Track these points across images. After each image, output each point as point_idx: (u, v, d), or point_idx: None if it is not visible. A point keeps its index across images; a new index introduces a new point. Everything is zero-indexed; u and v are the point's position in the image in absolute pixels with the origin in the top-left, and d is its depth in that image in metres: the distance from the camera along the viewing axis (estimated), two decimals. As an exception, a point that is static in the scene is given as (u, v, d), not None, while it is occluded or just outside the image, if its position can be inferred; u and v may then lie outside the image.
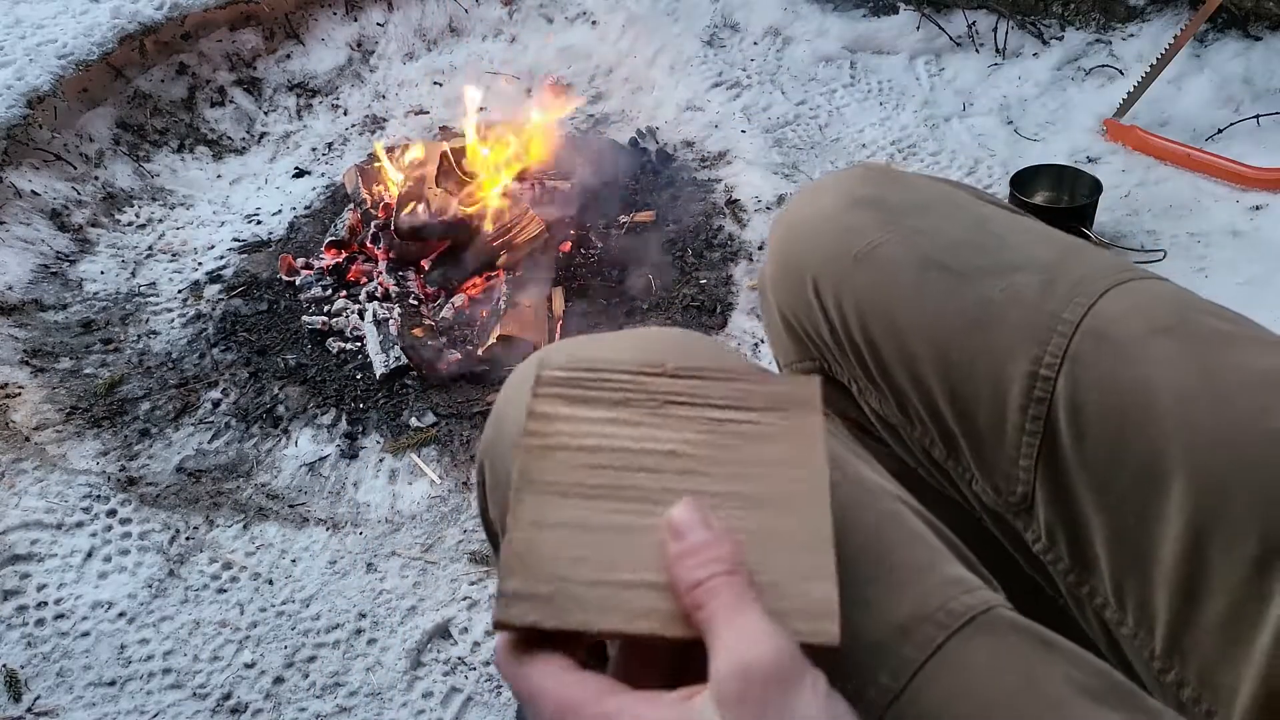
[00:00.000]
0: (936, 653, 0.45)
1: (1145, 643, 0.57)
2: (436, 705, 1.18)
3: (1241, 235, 1.74)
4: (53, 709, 1.18)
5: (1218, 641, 0.54)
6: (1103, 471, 0.58)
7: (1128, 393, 0.58)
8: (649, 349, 0.56)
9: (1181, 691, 0.56)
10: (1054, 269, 0.63)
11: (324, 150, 2.13)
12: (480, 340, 1.60)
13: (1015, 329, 0.62)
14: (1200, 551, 0.54)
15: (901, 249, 0.67)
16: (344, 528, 1.38)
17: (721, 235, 1.82)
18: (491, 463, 0.58)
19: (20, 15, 2.18)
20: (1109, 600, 0.59)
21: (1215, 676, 0.54)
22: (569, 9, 2.41)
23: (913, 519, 0.52)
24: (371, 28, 2.37)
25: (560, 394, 0.47)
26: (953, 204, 0.71)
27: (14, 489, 1.39)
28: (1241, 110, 1.97)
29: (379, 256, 1.75)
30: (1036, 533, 0.63)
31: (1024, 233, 0.68)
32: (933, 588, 0.47)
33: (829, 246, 0.70)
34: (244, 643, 1.24)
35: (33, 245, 1.83)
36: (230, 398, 1.57)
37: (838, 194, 0.72)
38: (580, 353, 0.56)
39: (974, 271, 0.65)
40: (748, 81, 2.18)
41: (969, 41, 2.23)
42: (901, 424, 0.69)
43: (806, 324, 0.73)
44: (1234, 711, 0.53)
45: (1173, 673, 0.56)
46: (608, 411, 0.46)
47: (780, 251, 0.75)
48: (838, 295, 0.69)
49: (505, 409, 0.58)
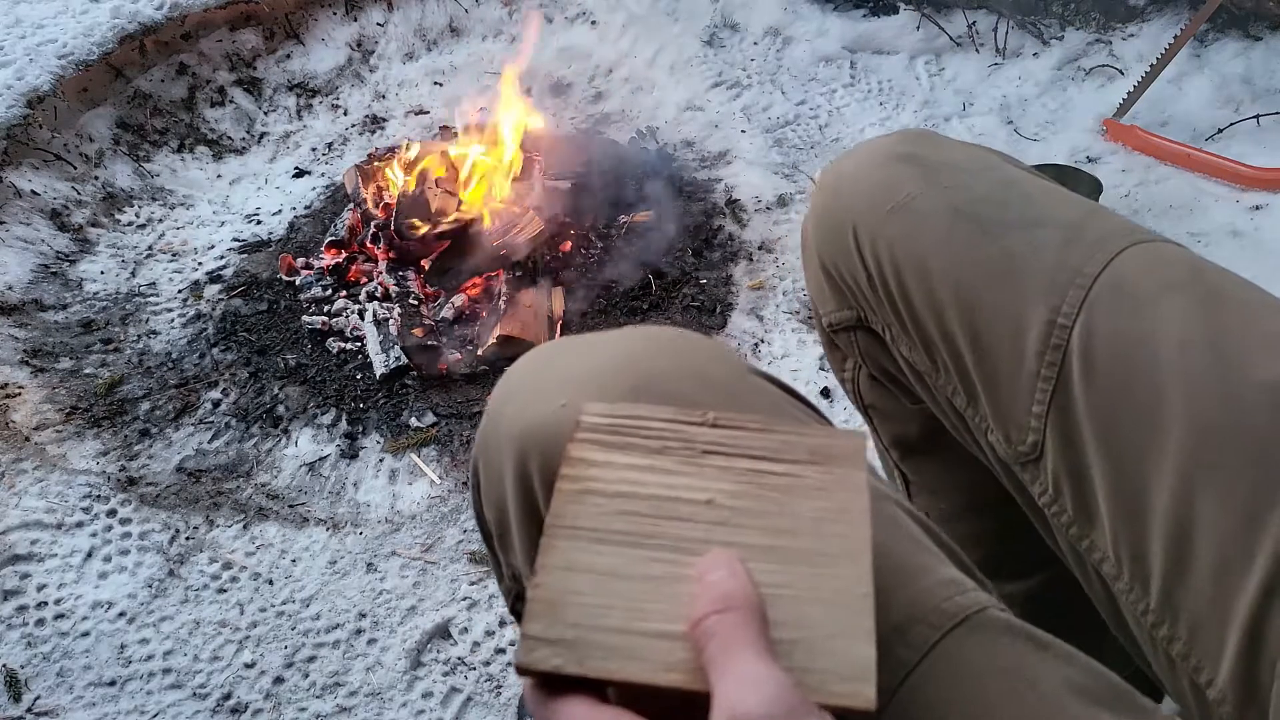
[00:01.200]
0: (930, 653, 0.45)
1: (1140, 597, 0.59)
2: (436, 705, 1.18)
3: (1241, 235, 1.74)
4: (53, 709, 1.18)
5: (1208, 594, 0.54)
6: (1107, 419, 0.60)
7: (1136, 343, 0.60)
8: (633, 350, 0.56)
9: (1172, 647, 0.57)
10: (1077, 227, 0.66)
11: (324, 150, 2.13)
12: (480, 340, 1.60)
13: (1037, 280, 0.64)
14: (1193, 502, 0.55)
15: (934, 202, 0.70)
16: (344, 528, 1.38)
17: (721, 235, 1.82)
18: (485, 462, 0.58)
19: (20, 15, 2.18)
20: (1108, 554, 0.61)
21: (1204, 630, 0.55)
22: (569, 9, 2.41)
23: (909, 523, 0.52)
24: (371, 28, 2.37)
25: (599, 440, 0.46)
26: (985, 164, 0.74)
27: (14, 489, 1.39)
28: (1241, 110, 1.97)
29: (379, 256, 1.75)
30: (1044, 484, 0.64)
31: (1050, 194, 0.71)
32: (927, 589, 0.47)
33: (869, 198, 0.74)
34: (244, 643, 1.24)
35: (33, 245, 1.83)
36: (230, 398, 1.57)
37: (880, 151, 0.76)
38: (578, 364, 0.56)
39: (1000, 225, 0.68)
40: (748, 81, 2.18)
41: (969, 41, 2.23)
42: (929, 371, 0.72)
43: (845, 272, 0.76)
44: (1220, 666, 0.54)
45: (1165, 627, 0.57)
46: (645, 459, 0.46)
47: (824, 202, 0.78)
48: (874, 244, 0.72)
49: (498, 408, 0.57)
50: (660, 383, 0.53)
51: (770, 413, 0.55)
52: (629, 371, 0.54)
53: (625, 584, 0.41)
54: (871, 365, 0.82)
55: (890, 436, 0.90)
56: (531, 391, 0.56)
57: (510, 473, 0.54)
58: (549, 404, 0.53)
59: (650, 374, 0.54)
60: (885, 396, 0.85)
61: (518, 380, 0.58)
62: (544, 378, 0.56)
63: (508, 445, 0.54)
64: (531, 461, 0.53)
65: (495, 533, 0.59)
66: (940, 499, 0.91)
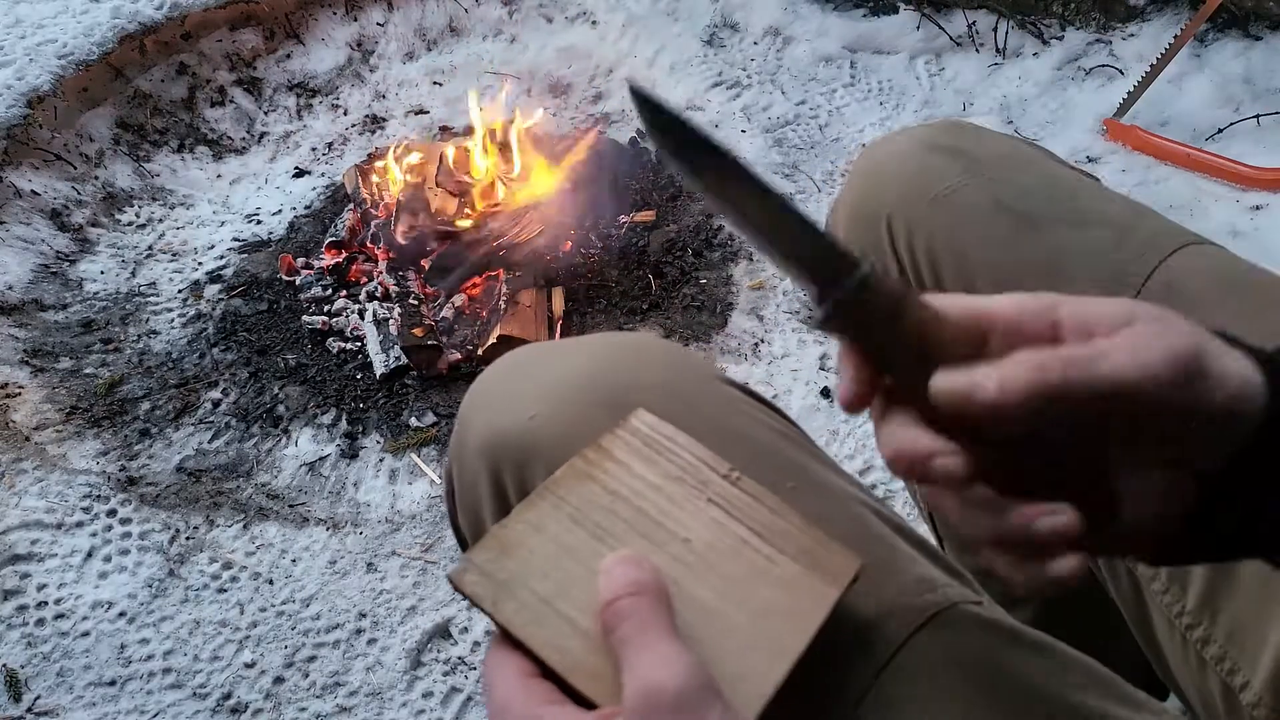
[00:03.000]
0: (901, 649, 0.46)
1: (1176, 598, 0.58)
2: (436, 705, 1.18)
3: (1241, 235, 1.74)
4: (53, 709, 1.18)
5: (1253, 598, 0.54)
6: None
7: None
8: (603, 360, 0.57)
9: (1206, 649, 0.56)
10: (1126, 225, 0.65)
11: (324, 150, 2.13)
12: (480, 340, 1.60)
13: (1084, 276, 0.63)
14: None
15: (977, 194, 0.69)
16: (344, 527, 1.38)
17: (721, 235, 1.82)
18: (459, 470, 0.59)
19: (20, 15, 2.18)
20: None
21: (1245, 635, 0.54)
22: (569, 9, 2.41)
23: (878, 523, 0.52)
24: (371, 28, 2.37)
25: (630, 444, 0.49)
26: (1028, 159, 0.73)
27: (14, 489, 1.39)
28: (1241, 110, 1.97)
29: (379, 256, 1.75)
30: None
31: (1094, 192, 0.70)
32: (897, 589, 0.48)
33: (907, 188, 0.72)
34: (244, 642, 1.24)
35: (33, 245, 1.83)
36: (230, 398, 1.57)
37: (920, 140, 0.75)
38: (548, 374, 0.57)
39: (1047, 220, 0.67)
40: (748, 81, 2.18)
41: (969, 41, 2.23)
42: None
43: None
44: (1257, 670, 0.54)
45: (1200, 629, 0.57)
46: (658, 478, 0.47)
47: (857, 189, 0.77)
48: (910, 235, 0.71)
49: (468, 414, 0.58)
50: (627, 393, 0.53)
51: (728, 417, 0.55)
52: (598, 382, 0.55)
53: (570, 565, 0.43)
54: None
55: None
56: (501, 399, 0.56)
57: (484, 482, 0.55)
58: (519, 415, 0.54)
59: (618, 385, 0.54)
60: None
61: (488, 387, 0.59)
62: (514, 386, 0.57)
63: (480, 454, 0.55)
64: (506, 474, 0.53)
65: (470, 539, 0.60)
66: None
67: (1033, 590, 0.38)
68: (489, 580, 0.42)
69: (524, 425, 0.53)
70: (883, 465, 1.42)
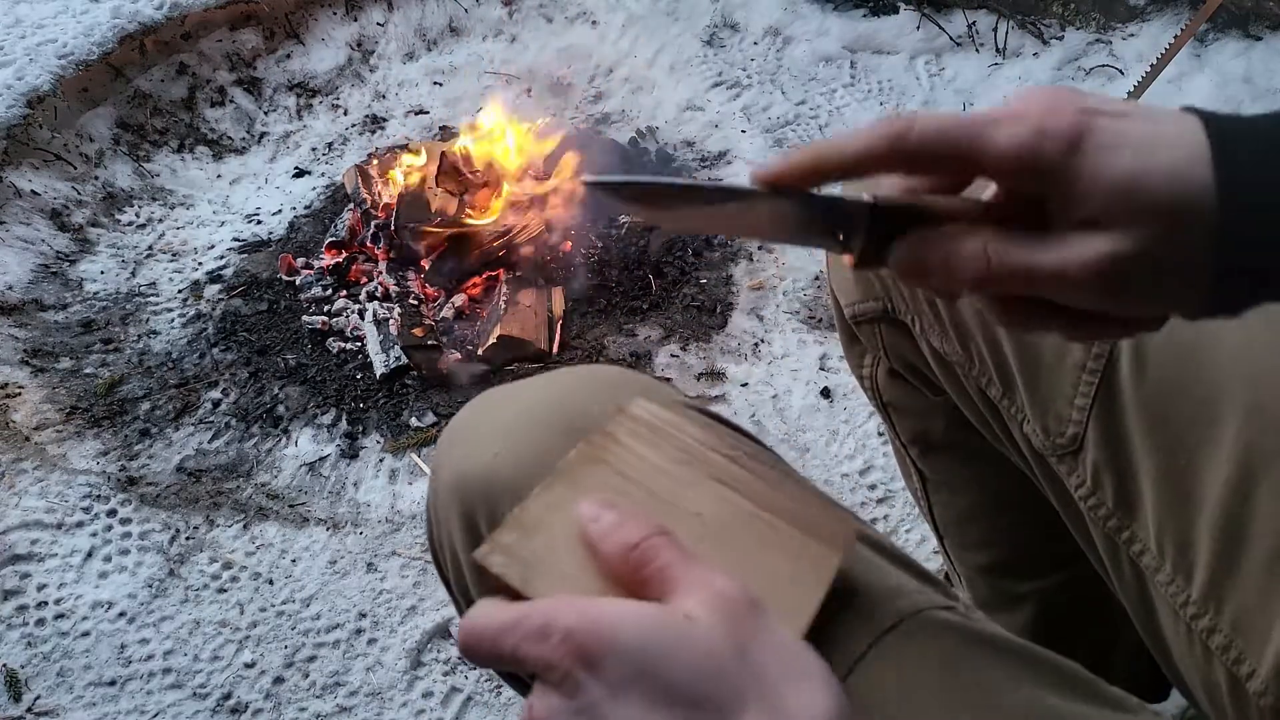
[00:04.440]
0: (864, 656, 0.47)
1: (1181, 588, 0.58)
2: (437, 705, 1.18)
3: (1241, 235, 1.74)
4: (53, 709, 1.18)
5: (1259, 586, 0.54)
6: (1158, 412, 0.59)
7: (1194, 338, 0.59)
8: (564, 392, 0.58)
9: (1211, 638, 0.57)
10: None
11: (324, 150, 2.13)
12: (480, 340, 1.60)
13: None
14: (1250, 492, 0.55)
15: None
16: (344, 527, 1.38)
17: (721, 235, 1.82)
18: (434, 510, 0.60)
19: (20, 15, 2.18)
20: (1149, 545, 0.60)
21: (1251, 623, 0.55)
22: (569, 9, 2.41)
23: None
24: (371, 28, 2.37)
25: (636, 431, 0.51)
26: None
27: (14, 489, 1.39)
28: (1241, 110, 1.97)
29: (379, 256, 1.75)
30: (1081, 476, 0.64)
31: None
32: (865, 599, 0.49)
33: None
34: (244, 642, 1.24)
35: (33, 245, 1.83)
36: (230, 398, 1.57)
37: None
38: (510, 410, 0.58)
39: None
40: (748, 81, 2.18)
41: (969, 41, 2.23)
42: (960, 361, 0.71)
43: None
44: (1263, 658, 0.54)
45: (1206, 618, 0.57)
46: (664, 462, 0.49)
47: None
48: None
49: (440, 457, 0.60)
50: (585, 418, 0.54)
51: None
52: (554, 412, 0.56)
53: (579, 544, 0.45)
54: (893, 357, 0.81)
55: (909, 434, 0.89)
56: (468, 442, 0.58)
57: (456, 522, 0.56)
58: (484, 454, 0.55)
59: (581, 414, 0.55)
60: (905, 392, 0.85)
61: (458, 428, 0.60)
62: (480, 428, 0.59)
63: (450, 495, 0.56)
64: (478, 512, 0.54)
65: (451, 577, 0.61)
66: (959, 496, 0.90)
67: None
68: (515, 560, 0.43)
69: (488, 463, 0.55)
70: (883, 465, 1.42)
